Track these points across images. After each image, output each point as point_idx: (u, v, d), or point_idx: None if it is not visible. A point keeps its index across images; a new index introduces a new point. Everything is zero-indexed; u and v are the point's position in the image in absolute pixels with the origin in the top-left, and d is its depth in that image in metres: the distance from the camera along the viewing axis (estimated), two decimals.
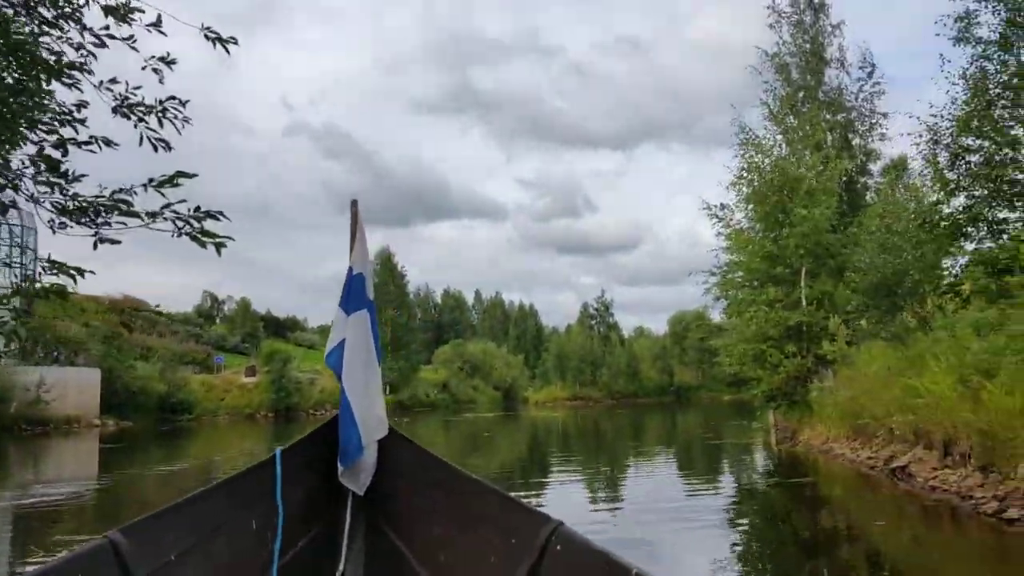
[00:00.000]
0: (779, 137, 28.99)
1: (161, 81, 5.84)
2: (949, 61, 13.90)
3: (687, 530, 9.88)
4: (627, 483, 15.26)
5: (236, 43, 5.93)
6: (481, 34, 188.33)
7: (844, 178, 24.60)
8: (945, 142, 13.52)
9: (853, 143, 29.23)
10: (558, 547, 2.38)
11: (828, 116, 28.80)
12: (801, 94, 29.67)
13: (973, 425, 10.42)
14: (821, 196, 21.72)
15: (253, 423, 45.44)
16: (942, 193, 13.77)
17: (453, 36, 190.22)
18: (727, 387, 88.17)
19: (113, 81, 5.63)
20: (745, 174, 27.77)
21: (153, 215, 4.92)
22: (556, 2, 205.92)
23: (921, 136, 13.76)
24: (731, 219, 29.19)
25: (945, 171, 13.47)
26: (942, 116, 13.67)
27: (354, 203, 3.93)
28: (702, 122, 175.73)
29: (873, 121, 29.77)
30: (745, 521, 10.82)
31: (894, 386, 13.46)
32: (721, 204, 29.13)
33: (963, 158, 13.35)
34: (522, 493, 12.82)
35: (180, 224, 4.98)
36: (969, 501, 9.63)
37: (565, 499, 13.18)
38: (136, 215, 4.90)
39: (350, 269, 3.76)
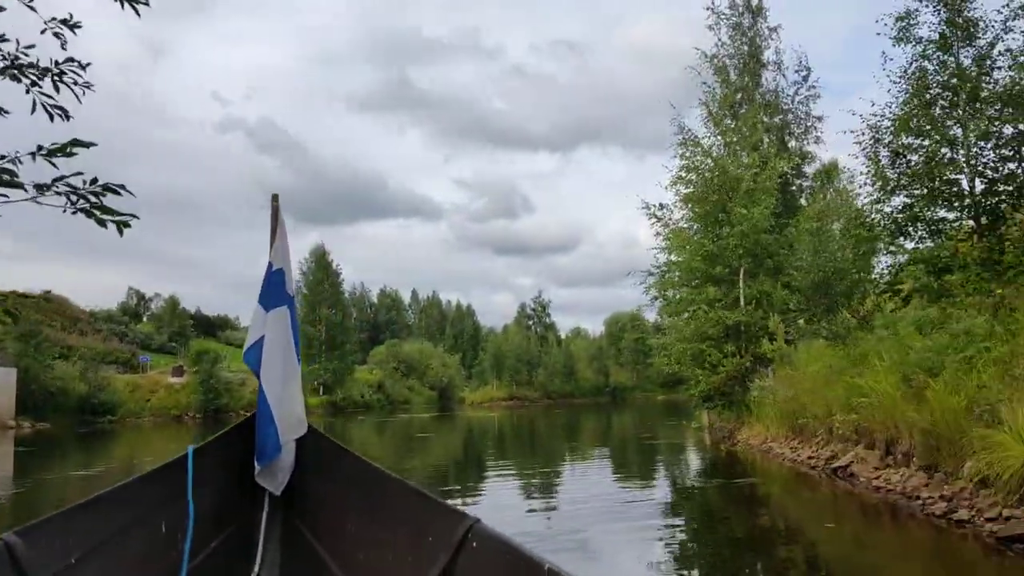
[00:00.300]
0: (718, 138, 29.19)
1: (63, 46, 5.19)
2: (891, 59, 13.85)
3: (624, 530, 9.60)
4: (564, 483, 14.87)
5: (147, 4, 5.31)
6: (420, 32, 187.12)
7: (780, 179, 24.70)
8: (886, 140, 13.47)
9: (789, 145, 29.56)
10: (474, 544, 2.40)
11: (765, 118, 29.02)
12: (739, 96, 29.86)
13: (917, 424, 10.29)
14: (761, 195, 21.74)
15: (180, 425, 43.87)
16: (882, 192, 13.69)
17: (391, 34, 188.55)
18: (660, 387, 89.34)
19: (1, 39, 4.94)
20: (684, 174, 27.83)
21: (42, 187, 4.26)
22: (495, 4, 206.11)
23: (864, 134, 13.66)
24: (670, 219, 29.30)
25: (886, 169, 13.39)
26: (884, 116, 13.60)
27: (275, 198, 3.88)
28: (639, 125, 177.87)
29: (808, 124, 30.22)
30: (683, 521, 10.50)
31: (836, 385, 13.36)
32: (660, 204, 29.23)
33: (904, 156, 13.30)
34: (458, 500, 12.35)
35: (74, 199, 4.34)
36: (916, 501, 9.46)
37: (501, 499, 12.79)
38: (19, 186, 4.23)
39: (270, 265, 3.70)
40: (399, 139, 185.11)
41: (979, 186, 13.31)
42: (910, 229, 13.43)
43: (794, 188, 29.73)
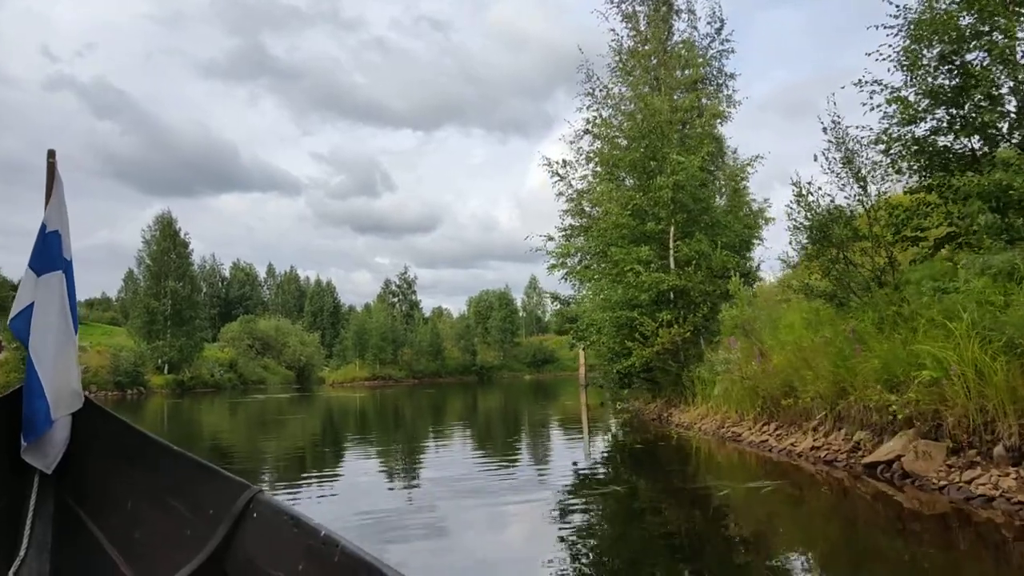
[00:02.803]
0: (626, 91, 26.17)
1: None
2: None
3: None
4: (464, 489, 10.86)
5: None
6: None
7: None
8: (926, 44, 10.25)
9: (702, 103, 26.72)
10: (255, 514, 2.36)
11: (678, 73, 26.02)
12: (647, 46, 26.77)
13: None
14: (702, 140, 18.46)
15: None
16: (906, 112, 10.53)
17: None
18: (528, 366, 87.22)
19: None
20: (593, 125, 24.62)
21: None
22: None
23: (899, 30, 10.39)
24: (572, 176, 26.03)
25: (928, 76, 10.21)
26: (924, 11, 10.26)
27: (51, 154, 3.60)
28: (502, 108, 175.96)
29: (720, 81, 27.46)
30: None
31: (860, 357, 10.05)
32: (563, 160, 25.89)
33: (953, 60, 10.15)
34: (315, 489, 9.99)
35: None
36: None
37: (369, 486, 10.23)
38: None
39: (43, 226, 3.44)
40: (253, 109, 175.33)
41: None
42: (950, 160, 10.34)
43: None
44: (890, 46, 10.50)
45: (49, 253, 3.36)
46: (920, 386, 8.72)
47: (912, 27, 10.24)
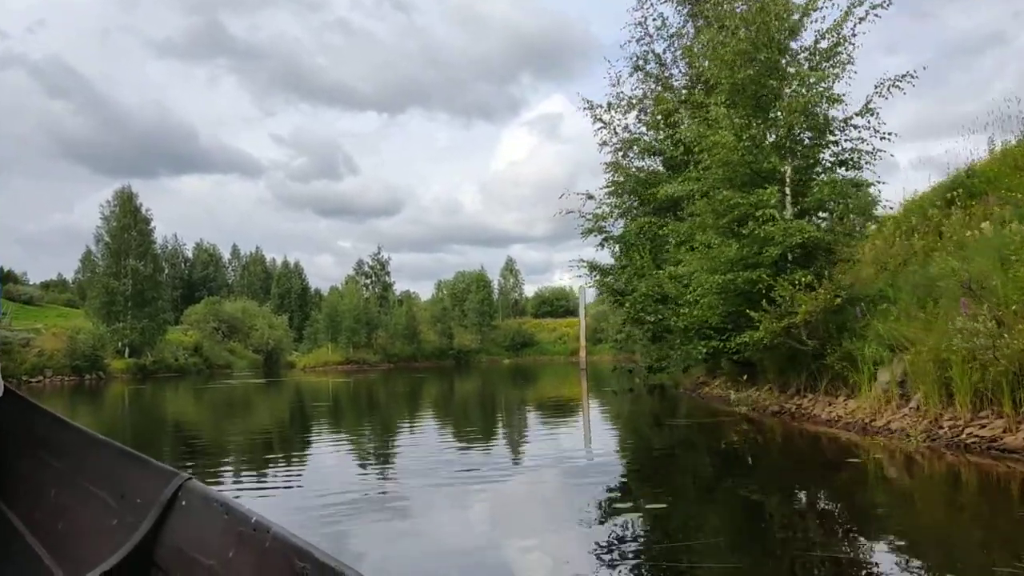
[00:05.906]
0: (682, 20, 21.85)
1: None
2: None
3: None
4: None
5: None
6: None
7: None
8: None
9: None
10: (183, 502, 2.22)
11: (738, 5, 21.63)
12: None
13: None
14: (834, 48, 13.89)
15: None
16: None
17: None
18: (506, 350, 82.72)
19: None
20: (642, 64, 20.24)
21: None
22: None
23: None
24: (617, 124, 21.62)
25: None
26: None
27: None
28: (466, 92, 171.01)
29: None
30: None
31: None
32: (608, 104, 21.34)
33: None
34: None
35: None
36: None
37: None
38: None
39: None
40: (212, 90, 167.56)
41: None
42: None
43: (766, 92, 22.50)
44: None
45: None
46: None
47: None
